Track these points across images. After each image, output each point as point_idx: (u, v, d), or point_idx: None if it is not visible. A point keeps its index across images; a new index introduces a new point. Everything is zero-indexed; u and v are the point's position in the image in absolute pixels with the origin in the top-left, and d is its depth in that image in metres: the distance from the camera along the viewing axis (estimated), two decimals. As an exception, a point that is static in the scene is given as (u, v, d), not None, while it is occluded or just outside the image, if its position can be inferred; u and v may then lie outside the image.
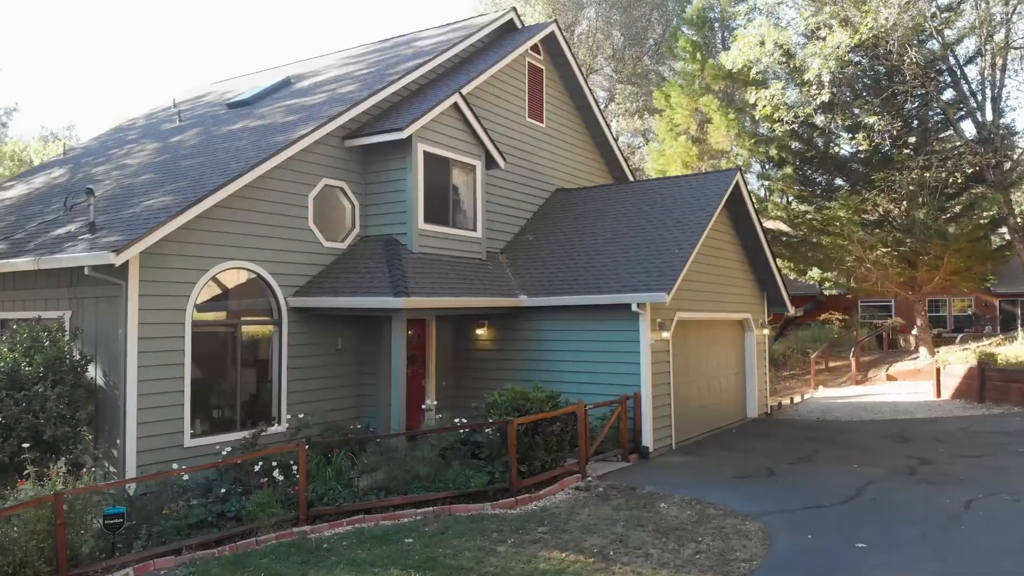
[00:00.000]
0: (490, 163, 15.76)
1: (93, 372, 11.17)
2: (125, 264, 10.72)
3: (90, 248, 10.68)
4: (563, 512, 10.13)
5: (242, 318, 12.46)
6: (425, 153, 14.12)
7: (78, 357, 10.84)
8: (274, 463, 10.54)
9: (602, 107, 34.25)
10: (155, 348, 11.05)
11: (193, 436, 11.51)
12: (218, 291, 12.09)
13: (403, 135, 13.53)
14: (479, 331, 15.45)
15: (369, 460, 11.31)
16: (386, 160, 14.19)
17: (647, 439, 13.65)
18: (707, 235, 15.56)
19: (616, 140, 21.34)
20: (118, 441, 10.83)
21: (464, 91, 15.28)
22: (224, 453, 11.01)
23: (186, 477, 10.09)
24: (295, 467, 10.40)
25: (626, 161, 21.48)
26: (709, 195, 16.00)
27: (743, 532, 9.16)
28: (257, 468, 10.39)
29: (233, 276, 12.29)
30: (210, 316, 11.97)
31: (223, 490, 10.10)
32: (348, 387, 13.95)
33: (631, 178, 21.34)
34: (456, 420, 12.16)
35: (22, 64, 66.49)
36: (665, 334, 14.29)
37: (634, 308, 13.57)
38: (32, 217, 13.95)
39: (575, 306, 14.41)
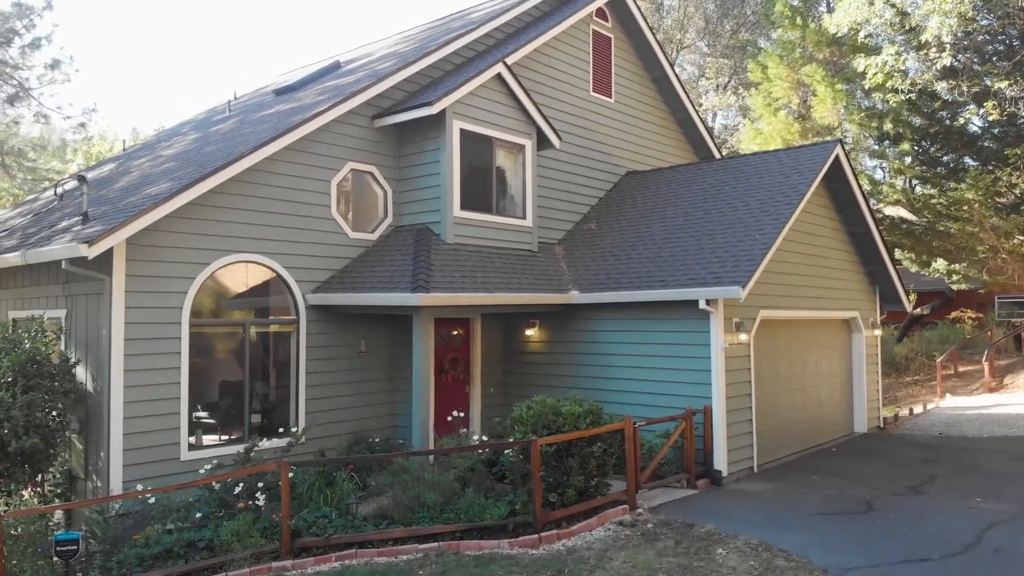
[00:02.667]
0: (543, 143, 13.97)
1: (83, 376, 10.18)
2: (109, 257, 9.65)
3: (70, 240, 9.64)
4: (593, 556, 8.25)
5: (251, 317, 11.21)
6: (462, 131, 12.49)
7: (58, 360, 9.83)
8: (260, 484, 9.17)
9: (693, 83, 31.66)
10: (145, 351, 9.92)
11: (192, 448, 10.33)
12: (222, 287, 10.87)
13: (433, 110, 11.94)
14: (529, 331, 13.69)
15: (380, 481, 9.78)
16: (419, 140, 12.65)
17: (719, 461, 11.51)
18: (798, 218, 13.23)
19: (702, 117, 19.03)
20: (102, 454, 9.75)
21: (511, 60, 13.57)
22: (202, 471, 9.74)
23: (152, 499, 8.87)
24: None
25: (713, 139, 19.14)
26: (802, 171, 13.62)
27: (816, 598, 7.03)
28: (237, 490, 9.05)
29: (241, 271, 11.05)
30: (212, 315, 10.76)
31: (199, 514, 8.81)
32: (379, 394, 12.50)
33: (717, 156, 18.99)
34: (476, 437, 10.48)
35: (120, 67, 68.94)
36: (743, 336, 12.08)
37: (702, 305, 11.46)
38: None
39: (633, 303, 12.43)
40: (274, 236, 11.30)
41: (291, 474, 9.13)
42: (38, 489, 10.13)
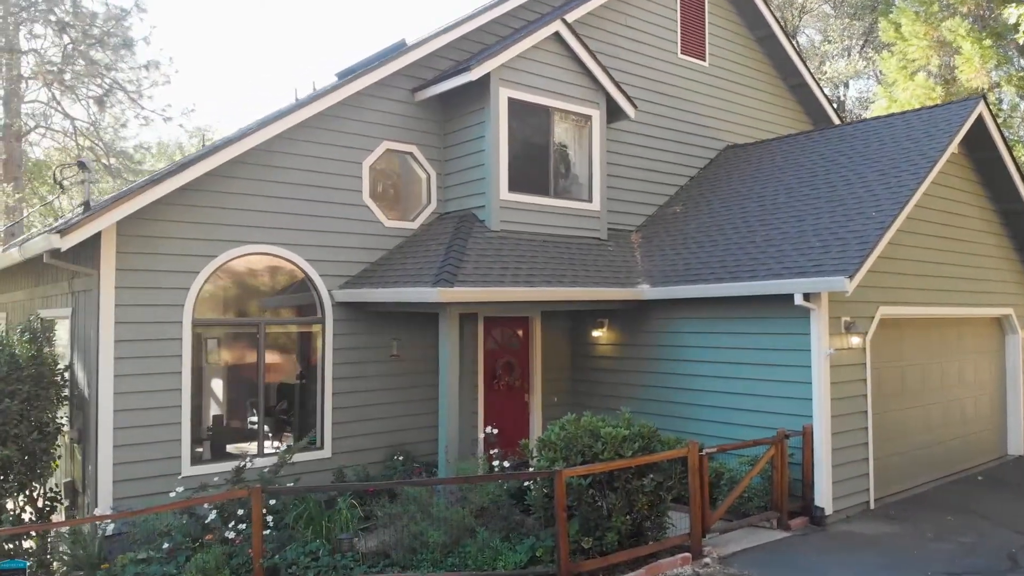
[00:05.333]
0: (615, 113, 12.02)
1: (83, 381, 9.26)
2: (96, 250, 8.67)
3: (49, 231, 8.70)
4: (625, 626, 6.37)
5: (267, 316, 9.95)
6: (511, 100, 10.78)
7: (48, 363, 8.91)
8: (240, 511, 7.84)
9: (816, 48, 28.30)
10: (140, 353, 8.84)
11: (195, 463, 9.18)
12: (233, 282, 9.68)
13: (473, 76, 10.30)
14: (596, 333, 11.80)
15: (388, 511, 8.23)
16: (462, 115, 11.05)
17: (821, 496, 9.24)
18: (929, 192, 10.72)
19: (819, 82, 16.39)
20: (89, 467, 8.77)
21: (573, 18, 11.77)
22: (173, 494, 8.52)
23: (111, 526, 7.72)
24: (271, 518, 7.70)
25: (835, 108, 16.44)
26: (934, 135, 11.00)
27: None
28: (210, 518, 7.77)
29: (255, 263, 9.82)
30: (220, 314, 9.58)
31: (166, 545, 7.59)
32: (422, 403, 10.93)
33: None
34: (496, 463, 8.74)
35: (231, 70, 69.65)
36: (856, 339, 9.73)
37: (799, 301, 9.22)
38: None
39: (713, 299, 10.31)
40: (295, 225, 10.01)
41: (273, 501, 7.78)
42: (37, 503, 9.29)
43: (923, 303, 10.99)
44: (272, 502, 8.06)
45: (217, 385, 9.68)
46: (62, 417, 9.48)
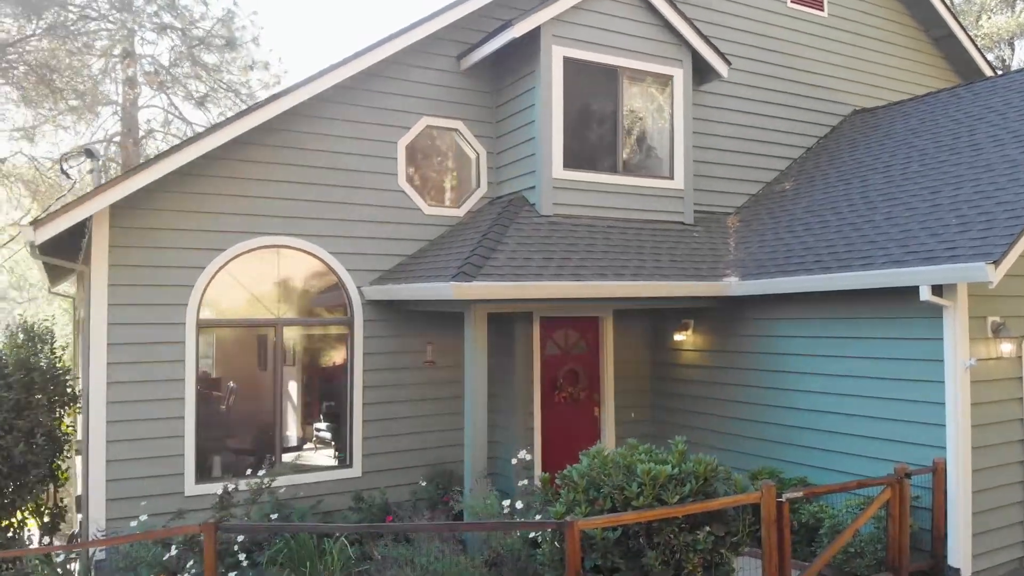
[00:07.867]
0: (704, 73, 10.10)
1: (86, 387, 8.50)
2: (88, 244, 7.88)
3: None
4: None
5: (285, 316, 8.82)
6: (567, 60, 9.11)
7: (37, 369, 8.18)
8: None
9: (971, 2, 24.29)
10: (137, 357, 7.96)
11: (201, 480, 8.20)
12: (245, 279, 8.60)
13: (516, 33, 8.72)
14: (679, 336, 9.90)
15: (389, 553, 6.84)
16: (513, 81, 9.51)
17: (957, 552, 7.01)
18: (1117, 154, 8.08)
19: (970, 34, 13.57)
20: (80, 484, 7.95)
21: (646, -40, 9.90)
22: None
23: (61, 556, 6.78)
24: (244, 556, 6.51)
25: (989, 61, 13.56)
26: (1125, 79, 8.35)
27: None
28: (170, 554, 6.67)
29: (270, 257, 8.71)
30: (230, 314, 8.54)
31: (123, 585, 6.57)
32: (463, 416, 9.51)
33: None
34: (506, 503, 7.08)
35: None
36: (1007, 346, 7.40)
37: (926, 296, 7.01)
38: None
39: (817, 294, 8.20)
40: (317, 213, 8.85)
41: (242, 538, 6.58)
42: (44, 517, 8.65)
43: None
44: (241, 539, 6.86)
45: (228, 393, 8.67)
46: (71, 425, 8.82)
